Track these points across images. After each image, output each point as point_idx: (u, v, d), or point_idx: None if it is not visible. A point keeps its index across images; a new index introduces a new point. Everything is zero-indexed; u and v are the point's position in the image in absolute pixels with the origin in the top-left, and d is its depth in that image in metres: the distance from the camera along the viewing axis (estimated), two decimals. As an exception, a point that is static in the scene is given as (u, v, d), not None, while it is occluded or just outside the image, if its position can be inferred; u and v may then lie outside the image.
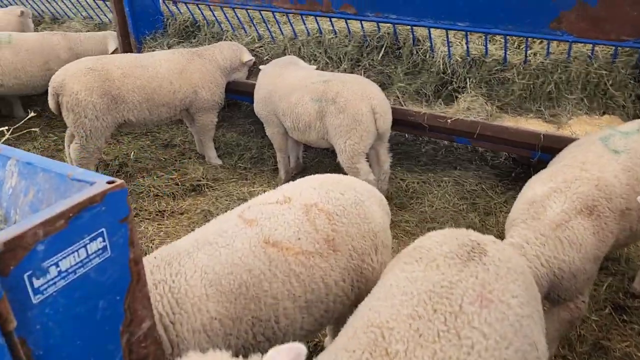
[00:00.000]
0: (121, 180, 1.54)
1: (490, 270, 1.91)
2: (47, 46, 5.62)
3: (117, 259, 1.55)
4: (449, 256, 1.98)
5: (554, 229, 2.67)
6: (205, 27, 5.78)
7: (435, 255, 2.01)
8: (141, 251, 1.65)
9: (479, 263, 1.94)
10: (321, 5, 4.80)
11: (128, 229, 1.56)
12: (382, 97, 4.15)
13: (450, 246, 2.04)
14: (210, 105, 5.15)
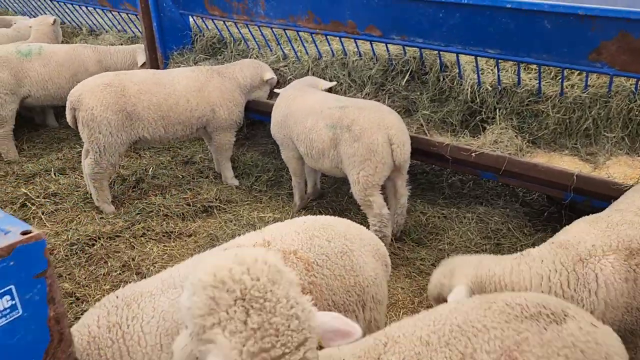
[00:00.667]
0: (38, 230, 1.37)
1: (546, 337, 1.70)
2: (77, 59, 5.67)
3: (32, 318, 1.38)
4: (511, 305, 1.83)
5: (575, 262, 2.41)
6: (231, 44, 5.70)
7: (499, 300, 1.87)
8: (64, 309, 1.48)
9: (541, 325, 1.75)
10: (345, 27, 4.60)
11: (46, 285, 1.39)
12: (401, 126, 3.90)
13: (522, 300, 1.87)
14: (228, 125, 5.02)
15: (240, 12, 5.19)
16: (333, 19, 4.62)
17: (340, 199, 4.97)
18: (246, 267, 1.44)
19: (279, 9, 4.88)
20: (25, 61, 5.43)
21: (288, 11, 4.84)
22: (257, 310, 1.37)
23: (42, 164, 5.52)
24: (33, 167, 5.44)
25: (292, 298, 1.43)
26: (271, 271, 1.45)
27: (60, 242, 4.26)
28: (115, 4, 6.26)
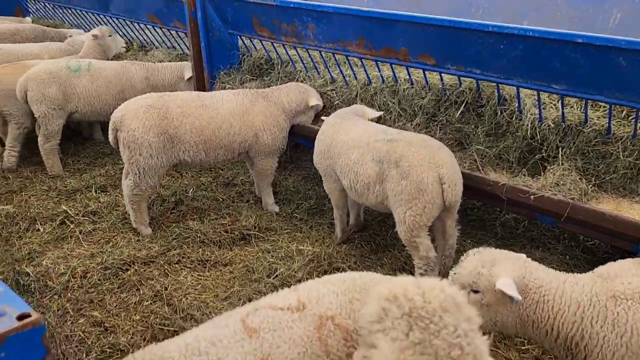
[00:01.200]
0: (37, 314, 1.20)
1: None
2: (124, 76, 5.66)
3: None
4: None
5: (608, 297, 2.39)
6: (278, 66, 5.55)
7: None
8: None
9: None
10: (397, 54, 4.36)
11: (44, 377, 1.21)
12: (453, 164, 3.62)
13: None
14: (271, 150, 4.86)
15: (289, 34, 5.04)
16: (385, 45, 4.39)
17: (384, 232, 4.71)
18: (422, 291, 1.62)
19: (329, 33, 4.69)
20: (74, 77, 5.45)
21: (338, 36, 4.65)
22: (420, 328, 1.54)
23: (85, 180, 5.51)
24: (75, 183, 5.44)
25: (461, 329, 1.56)
26: (446, 300, 1.60)
27: (95, 265, 4.19)
28: (165, 21, 6.25)
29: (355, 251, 4.47)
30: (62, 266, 4.21)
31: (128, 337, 3.57)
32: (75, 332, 3.59)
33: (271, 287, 3.95)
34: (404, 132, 3.93)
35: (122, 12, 6.76)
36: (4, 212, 4.89)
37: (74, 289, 4.01)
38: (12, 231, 4.72)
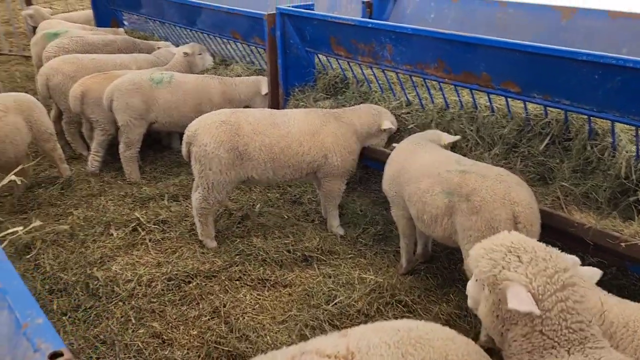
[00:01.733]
0: (70, 354, 1.14)
1: None
2: (203, 89, 5.80)
3: None
4: None
5: None
6: (353, 85, 5.46)
7: None
8: None
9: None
10: (479, 79, 4.13)
11: (71, 421, 1.16)
12: (531, 203, 3.33)
13: None
14: (340, 173, 4.76)
15: (365, 54, 4.94)
16: (465, 69, 4.18)
17: (452, 266, 4.46)
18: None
19: (407, 54, 4.54)
20: (156, 89, 5.65)
21: (416, 58, 4.49)
22: (526, 254, 2.02)
23: (159, 189, 5.68)
24: (150, 191, 5.61)
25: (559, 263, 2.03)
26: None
27: (160, 275, 4.26)
28: (246, 37, 6.36)
29: (420, 283, 4.25)
30: (130, 273, 4.32)
31: (184, 352, 3.57)
32: (134, 342, 3.65)
33: (329, 314, 3.83)
34: (479, 163, 3.68)
35: (207, 27, 6.97)
36: (73, 221, 5.10)
37: (138, 297, 4.09)
38: (88, 234, 4.92)
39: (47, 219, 5.25)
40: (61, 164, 5.94)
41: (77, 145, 6.64)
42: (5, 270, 1.46)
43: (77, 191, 5.77)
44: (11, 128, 5.12)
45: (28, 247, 4.78)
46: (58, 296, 4.14)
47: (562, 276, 1.96)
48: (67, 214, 5.28)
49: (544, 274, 1.95)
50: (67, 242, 4.85)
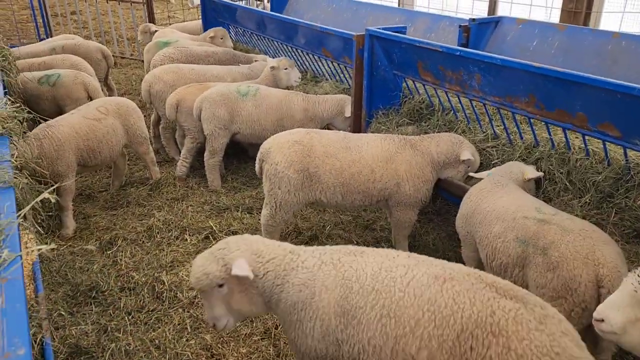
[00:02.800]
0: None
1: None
2: (286, 105, 5.86)
3: None
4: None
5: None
6: (439, 113, 5.22)
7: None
8: None
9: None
10: (573, 118, 3.75)
11: None
12: (618, 266, 2.92)
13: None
14: (412, 202, 4.55)
15: (453, 82, 4.70)
16: (559, 107, 3.81)
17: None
18: None
19: (496, 85, 4.25)
20: (241, 100, 5.81)
21: (506, 90, 4.18)
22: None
23: (236, 199, 5.81)
24: (227, 201, 5.77)
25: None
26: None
27: (221, 287, 4.32)
28: (337, 56, 6.35)
29: (486, 334, 3.91)
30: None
31: (229, 369, 3.58)
32: (185, 352, 3.72)
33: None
34: (562, 214, 3.31)
35: (301, 44, 7.07)
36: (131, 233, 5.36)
37: (198, 306, 4.18)
38: (164, 237, 5.15)
39: (133, 218, 5.58)
40: (152, 166, 6.29)
41: (170, 150, 7.01)
42: (16, 290, 1.51)
43: (163, 194, 6.07)
44: (108, 130, 5.52)
45: (111, 243, 5.10)
46: (127, 294, 4.35)
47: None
48: (150, 215, 5.57)
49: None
50: (145, 242, 5.11)
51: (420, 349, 2.32)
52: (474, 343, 2.21)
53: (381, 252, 2.76)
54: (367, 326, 2.48)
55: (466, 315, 2.27)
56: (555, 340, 2.15)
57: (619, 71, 5.09)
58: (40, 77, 6.46)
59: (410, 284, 2.47)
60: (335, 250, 2.79)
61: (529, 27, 6.19)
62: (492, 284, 2.41)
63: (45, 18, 12.04)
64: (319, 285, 2.62)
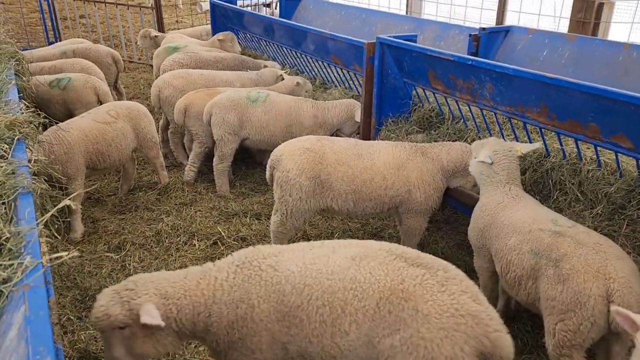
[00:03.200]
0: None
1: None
2: (295, 111, 5.87)
3: None
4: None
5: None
6: (449, 121, 5.23)
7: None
8: None
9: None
10: (585, 129, 3.75)
11: None
12: (631, 282, 2.90)
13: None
14: (422, 209, 4.55)
15: (464, 91, 4.70)
16: (571, 117, 3.81)
17: (536, 330, 4.04)
18: None
19: (507, 95, 4.25)
20: (251, 106, 5.83)
21: (517, 99, 4.18)
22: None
23: (244, 205, 5.82)
24: (235, 207, 5.77)
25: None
26: None
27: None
28: (346, 63, 6.37)
29: (496, 344, 3.90)
30: (203, 286, 4.43)
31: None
32: (194, 358, 3.72)
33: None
34: (579, 227, 3.29)
35: (311, 50, 7.10)
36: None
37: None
38: (173, 242, 5.16)
39: (141, 222, 5.59)
40: (161, 170, 6.31)
41: (179, 154, 7.03)
42: (38, 297, 1.51)
43: (172, 198, 6.09)
44: (118, 133, 5.54)
45: (119, 247, 5.11)
46: (136, 299, 4.35)
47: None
48: (159, 220, 5.58)
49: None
50: (153, 247, 5.12)
51: (350, 324, 2.55)
52: (391, 307, 2.51)
53: (296, 247, 2.89)
54: (308, 321, 2.60)
55: (382, 285, 2.56)
56: (455, 298, 2.48)
57: (630, 82, 5.09)
58: (52, 81, 6.51)
59: (334, 271, 2.66)
60: (251, 258, 2.80)
61: (539, 37, 6.20)
62: (401, 255, 2.71)
63: (55, 21, 12.13)
64: (255, 297, 2.64)
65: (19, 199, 2.28)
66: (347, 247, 2.82)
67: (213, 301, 2.67)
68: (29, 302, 1.54)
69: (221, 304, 2.66)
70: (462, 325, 2.41)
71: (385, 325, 2.50)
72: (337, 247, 2.83)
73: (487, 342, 2.43)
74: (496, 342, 2.45)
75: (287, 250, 2.84)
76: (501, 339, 2.47)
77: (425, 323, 2.43)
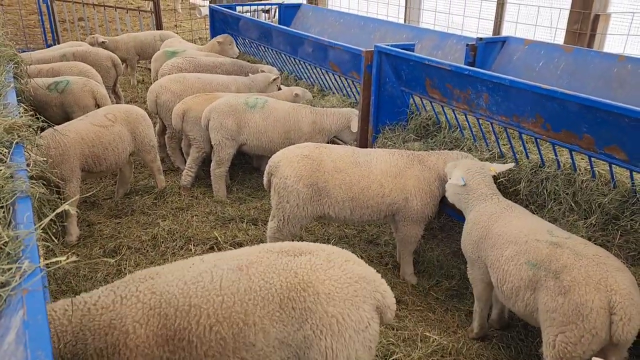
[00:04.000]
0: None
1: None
2: (293, 118, 5.90)
3: None
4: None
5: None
6: (445, 130, 5.26)
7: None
8: None
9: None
10: (580, 140, 3.79)
11: None
12: (632, 294, 2.92)
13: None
14: (419, 217, 4.58)
15: (460, 100, 4.74)
16: (566, 128, 3.85)
17: (529, 339, 4.07)
18: None
19: (503, 105, 4.29)
20: (249, 112, 5.85)
21: (513, 110, 4.23)
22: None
23: (241, 210, 5.83)
24: (232, 212, 5.78)
25: None
26: None
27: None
28: (344, 70, 6.41)
29: (490, 353, 3.93)
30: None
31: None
32: (189, 363, 3.72)
33: (383, 371, 3.65)
34: (576, 238, 3.32)
35: (309, 57, 7.14)
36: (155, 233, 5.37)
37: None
38: (169, 247, 5.16)
39: (137, 226, 5.59)
40: (158, 175, 6.31)
41: (175, 159, 7.04)
42: (36, 301, 1.53)
43: (168, 203, 6.09)
44: (115, 137, 5.55)
45: (115, 251, 5.11)
46: (131, 304, 4.35)
47: None
48: (155, 224, 5.58)
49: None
50: (149, 251, 5.12)
51: (256, 333, 2.53)
52: (294, 303, 2.56)
53: (174, 267, 2.77)
54: (200, 342, 2.50)
55: (278, 286, 2.59)
56: (344, 268, 2.67)
57: (625, 94, 5.14)
58: (50, 84, 6.51)
59: (223, 285, 2.59)
60: (128, 282, 2.65)
61: (536, 48, 6.26)
62: (280, 250, 2.78)
63: (53, 24, 12.14)
64: (130, 322, 2.47)
65: (17, 203, 2.28)
66: (229, 258, 2.77)
67: (74, 330, 2.45)
68: (27, 306, 1.55)
69: (87, 330, 2.45)
70: (358, 289, 2.63)
71: (292, 322, 2.56)
72: (217, 260, 2.77)
73: (379, 296, 2.70)
74: (385, 294, 2.73)
75: (164, 272, 2.71)
76: (387, 289, 2.77)
77: (330, 301, 2.56)
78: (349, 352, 2.57)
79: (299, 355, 2.59)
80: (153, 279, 2.66)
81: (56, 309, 2.49)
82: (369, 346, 2.64)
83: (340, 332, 2.54)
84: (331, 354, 2.53)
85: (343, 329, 2.55)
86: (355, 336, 2.57)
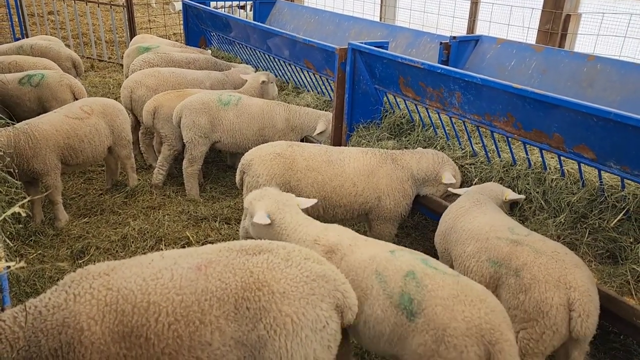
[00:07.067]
0: None
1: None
2: (268, 115, 5.83)
3: None
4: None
5: None
6: (419, 128, 5.27)
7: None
8: None
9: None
10: (550, 139, 3.82)
11: None
12: (589, 290, 2.96)
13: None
14: (392, 216, 4.57)
15: (433, 99, 4.75)
16: (536, 127, 3.89)
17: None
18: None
19: (476, 104, 4.31)
20: (223, 109, 5.77)
21: (485, 108, 4.25)
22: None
23: (214, 209, 5.74)
24: (205, 211, 5.69)
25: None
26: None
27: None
28: (319, 68, 6.37)
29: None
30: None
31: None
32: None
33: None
34: (535, 235, 3.35)
35: (284, 55, 7.08)
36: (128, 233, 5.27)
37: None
38: (139, 247, 5.06)
39: (107, 226, 5.46)
40: (131, 172, 6.18)
41: (148, 156, 6.91)
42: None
43: (139, 202, 5.96)
44: (91, 129, 5.45)
45: (83, 252, 4.98)
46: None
47: None
48: (125, 224, 5.46)
49: None
50: (119, 252, 5.00)
51: (212, 332, 2.52)
52: (248, 303, 2.54)
53: (132, 263, 2.73)
54: (157, 339, 2.49)
55: (233, 287, 2.57)
56: (302, 267, 2.65)
57: (594, 94, 5.22)
58: (22, 78, 6.34)
59: (182, 284, 2.58)
60: (80, 279, 2.60)
61: (507, 47, 6.32)
62: (240, 249, 2.77)
63: (22, 17, 11.81)
64: (85, 319, 2.44)
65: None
66: (189, 255, 2.75)
67: (32, 331, 2.41)
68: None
69: (39, 331, 2.41)
70: (316, 287, 2.60)
71: (247, 321, 2.54)
72: (178, 257, 2.74)
73: (339, 295, 2.67)
74: (346, 293, 2.69)
75: (121, 267, 2.68)
76: (348, 289, 2.72)
77: (285, 300, 2.54)
78: (306, 351, 2.53)
79: (254, 355, 2.56)
80: (108, 275, 2.61)
81: (4, 318, 2.42)
82: (328, 345, 2.61)
83: (296, 332, 2.51)
84: (286, 354, 2.50)
85: (298, 329, 2.52)
86: (312, 335, 2.54)
